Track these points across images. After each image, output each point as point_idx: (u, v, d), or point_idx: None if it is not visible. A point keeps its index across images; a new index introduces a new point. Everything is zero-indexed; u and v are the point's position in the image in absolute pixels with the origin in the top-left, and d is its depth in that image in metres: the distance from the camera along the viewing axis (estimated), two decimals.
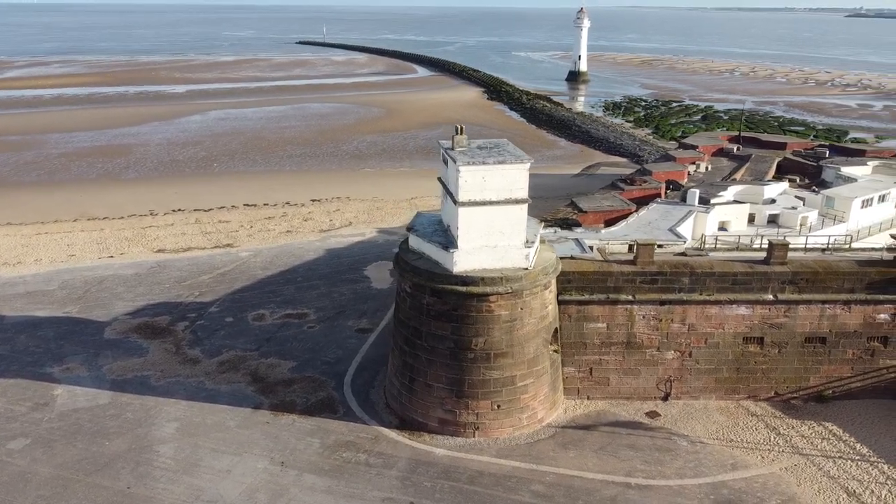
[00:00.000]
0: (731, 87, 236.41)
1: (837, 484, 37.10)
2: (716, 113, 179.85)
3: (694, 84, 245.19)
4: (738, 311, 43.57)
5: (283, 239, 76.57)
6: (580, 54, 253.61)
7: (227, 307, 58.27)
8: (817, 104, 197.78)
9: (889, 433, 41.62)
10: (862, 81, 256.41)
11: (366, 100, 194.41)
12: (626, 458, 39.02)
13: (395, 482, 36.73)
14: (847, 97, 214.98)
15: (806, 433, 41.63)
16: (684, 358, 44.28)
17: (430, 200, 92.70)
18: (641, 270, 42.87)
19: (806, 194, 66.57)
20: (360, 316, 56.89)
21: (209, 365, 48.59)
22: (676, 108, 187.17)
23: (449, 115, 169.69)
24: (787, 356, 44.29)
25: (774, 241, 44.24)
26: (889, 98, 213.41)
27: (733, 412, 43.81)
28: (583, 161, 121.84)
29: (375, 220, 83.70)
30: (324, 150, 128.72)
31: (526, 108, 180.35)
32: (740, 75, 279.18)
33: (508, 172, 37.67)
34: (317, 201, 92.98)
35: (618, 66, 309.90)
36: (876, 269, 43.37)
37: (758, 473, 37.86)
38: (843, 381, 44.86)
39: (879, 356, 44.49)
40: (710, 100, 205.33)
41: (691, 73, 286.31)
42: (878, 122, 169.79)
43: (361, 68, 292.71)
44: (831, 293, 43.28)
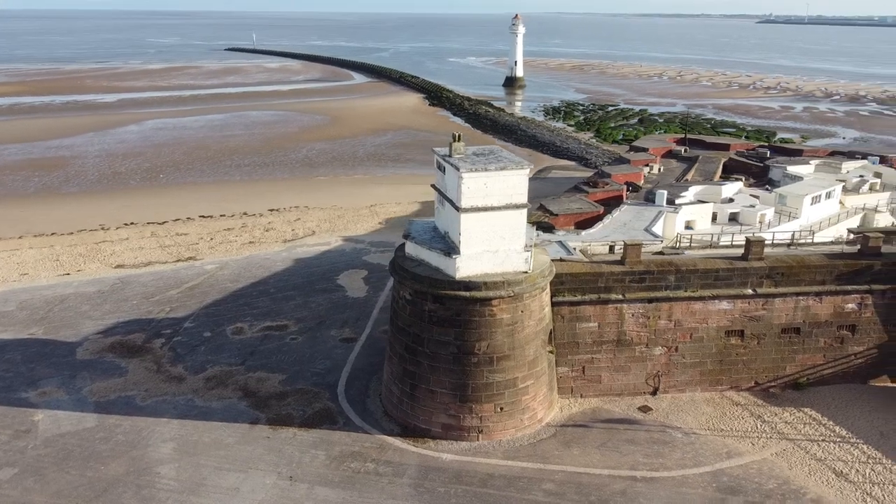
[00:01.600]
0: (662, 91, 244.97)
1: (825, 465, 39.29)
2: (651, 116, 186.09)
3: (626, 88, 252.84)
4: (720, 305, 45.56)
5: (248, 250, 75.12)
6: (516, 60, 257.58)
7: (203, 322, 56.84)
8: (744, 106, 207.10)
9: (863, 415, 44.30)
10: (780, 84, 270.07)
11: (307, 107, 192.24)
12: (627, 452, 40.23)
13: (408, 490, 36.77)
14: (769, 99, 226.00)
15: (788, 419, 43.88)
16: (671, 353, 45.96)
17: (391, 207, 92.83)
18: (630, 270, 44.30)
19: (760, 192, 70.01)
20: (341, 325, 56.48)
21: (196, 382, 47.34)
22: (613, 112, 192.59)
23: (394, 121, 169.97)
24: (765, 347, 46.57)
25: (751, 238, 46.47)
26: (807, 100, 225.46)
27: (719, 403, 45.74)
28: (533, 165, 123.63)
29: (339, 229, 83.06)
30: (273, 159, 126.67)
31: (469, 113, 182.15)
32: (668, 79, 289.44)
33: (509, 178, 38.38)
34: (275, 211, 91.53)
35: (551, 72, 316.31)
36: (844, 261, 46.13)
37: (752, 460, 39.69)
38: (816, 369, 47.49)
39: (848, 343, 47.31)
40: (643, 103, 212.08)
41: (622, 77, 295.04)
42: (800, 123, 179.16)
43: (297, 75, 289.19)
44: (804, 285, 45.79)
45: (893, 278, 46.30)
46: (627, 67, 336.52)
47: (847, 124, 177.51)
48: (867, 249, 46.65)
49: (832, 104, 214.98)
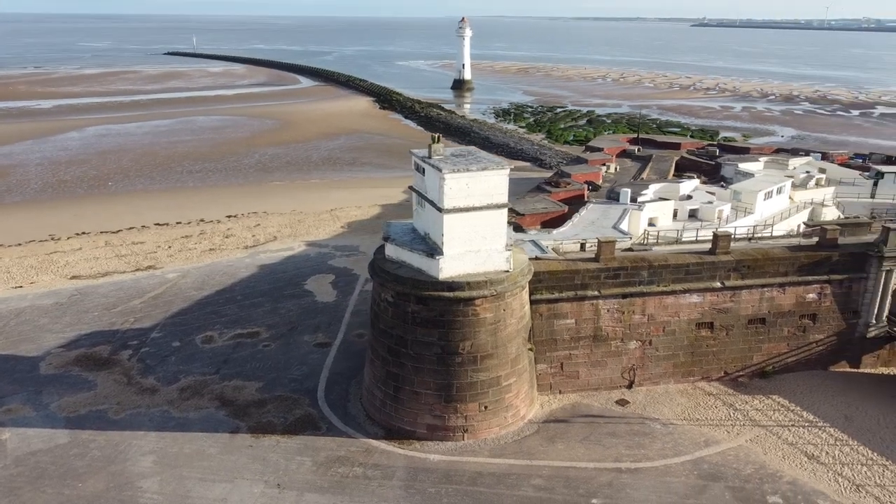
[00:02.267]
0: (607, 93, 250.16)
1: (797, 449, 40.95)
2: (598, 117, 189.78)
3: (572, 90, 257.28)
4: (690, 299, 46.98)
5: (209, 257, 73.58)
6: (464, 63, 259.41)
7: (170, 331, 55.48)
8: (686, 107, 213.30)
9: (826, 400, 46.33)
10: (719, 85, 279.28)
11: (256, 111, 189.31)
12: (610, 445, 41.10)
13: (399, 492, 36.74)
14: (710, 100, 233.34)
15: (758, 407, 45.55)
16: (645, 347, 47.15)
17: (351, 211, 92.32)
18: (605, 267, 45.27)
19: (715, 189, 72.37)
20: (314, 331, 55.95)
21: (169, 393, 46.20)
22: (562, 114, 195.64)
23: (346, 124, 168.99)
24: (733, 338, 48.24)
25: (719, 233, 48.09)
26: (745, 100, 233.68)
27: (692, 393, 47.14)
28: None
29: (301, 234, 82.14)
30: (225, 165, 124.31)
31: (421, 116, 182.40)
32: (612, 81, 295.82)
33: (490, 178, 38.78)
34: (233, 217, 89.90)
35: (497, 74, 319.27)
36: (804, 253, 48.16)
37: (729, 447, 41.06)
38: (781, 357, 49.42)
39: (810, 332, 49.41)
40: (590, 104, 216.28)
41: (567, 79, 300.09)
42: (741, 122, 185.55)
43: (242, 79, 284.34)
44: (769, 277, 47.63)
45: (850, 268, 48.56)
46: (572, 70, 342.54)
47: (784, 123, 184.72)
48: (825, 241, 48.80)
49: (768, 104, 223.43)
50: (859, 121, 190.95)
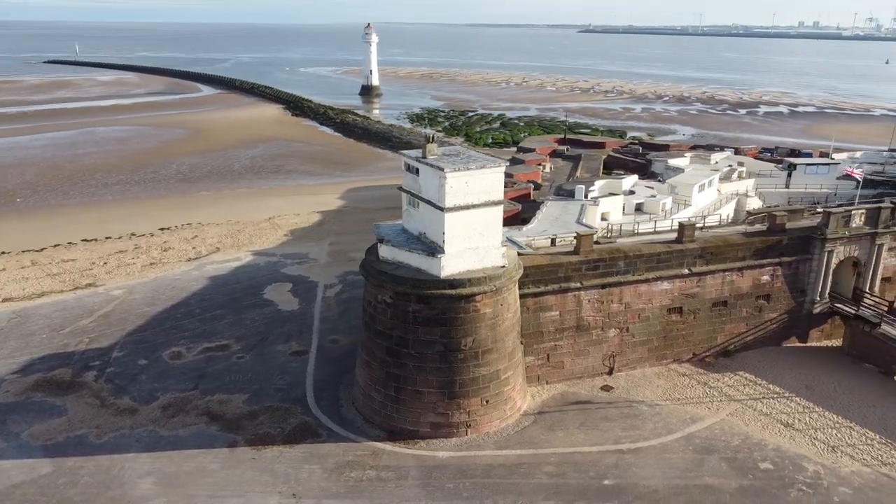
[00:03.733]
0: (513, 96, 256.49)
1: (773, 419, 44.15)
2: (510, 120, 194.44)
3: (480, 94, 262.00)
4: (662, 286, 49.60)
5: (152, 272, 70.31)
6: (371, 69, 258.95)
7: (133, 349, 52.81)
8: (590, 109, 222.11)
9: (786, 372, 50.14)
10: (616, 88, 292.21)
11: (161, 121, 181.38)
12: (606, 429, 42.81)
13: (417, 490, 36.85)
14: (611, 102, 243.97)
15: (729, 383, 48.69)
16: (623, 334, 49.35)
17: (290, 219, 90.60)
18: (586, 259, 47.07)
19: (654, 184, 76.27)
20: (286, 340, 54.81)
21: (151, 412, 44.09)
22: (475, 118, 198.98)
23: (262, 132, 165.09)
24: (700, 321, 51.31)
25: (684, 223, 51.03)
26: (642, 101, 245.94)
27: (667, 375, 49.75)
28: None
29: (244, 244, 79.86)
30: (143, 176, 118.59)
31: (337, 122, 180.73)
32: (515, 85, 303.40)
33: (487, 176, 39.58)
34: (166, 229, 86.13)
35: (402, 80, 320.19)
36: (759, 238, 51.92)
37: (713, 422, 43.72)
38: (740, 336, 52.97)
39: (765, 311, 53.26)
40: (499, 108, 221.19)
41: (472, 84, 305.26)
42: (643, 122, 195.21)
43: (137, 88, 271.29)
44: (729, 262, 51.00)
45: (797, 251, 52.75)
46: (475, 75, 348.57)
47: (682, 122, 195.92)
48: (775, 227, 52.80)
49: (664, 105, 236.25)
50: (747, 119, 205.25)
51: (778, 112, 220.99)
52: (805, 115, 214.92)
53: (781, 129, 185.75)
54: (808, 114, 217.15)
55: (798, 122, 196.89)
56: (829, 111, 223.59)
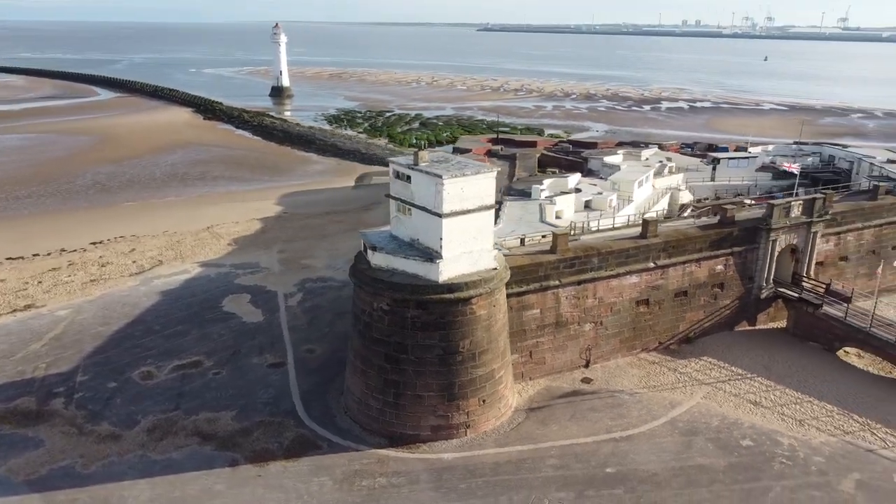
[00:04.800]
0: (426, 96, 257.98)
1: (742, 399, 47.49)
2: (429, 120, 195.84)
3: (393, 94, 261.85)
4: (631, 280, 52.15)
5: (95, 289, 66.88)
6: (281, 69, 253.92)
7: (98, 372, 50.36)
8: (504, 107, 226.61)
9: (744, 355, 53.90)
10: (524, 87, 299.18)
11: (63, 127, 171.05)
12: (596, 419, 44.76)
13: (432, 493, 37.40)
14: (521, 100, 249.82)
15: (696, 368, 51.87)
16: (598, 327, 51.57)
17: (231, 228, 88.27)
18: (563, 257, 48.87)
19: (597, 181, 79.45)
20: (259, 352, 53.77)
21: (136, 436, 42.37)
22: (393, 118, 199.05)
23: (177, 137, 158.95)
24: (664, 311, 54.29)
25: (648, 219, 53.79)
26: (552, 99, 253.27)
27: (639, 364, 52.39)
28: (348, 173, 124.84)
29: (188, 256, 77.15)
30: (56, 188, 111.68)
31: (254, 125, 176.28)
32: (426, 85, 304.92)
33: (481, 181, 40.49)
34: (99, 243, 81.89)
35: (311, 80, 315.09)
36: (714, 230, 55.44)
37: (690, 406, 46.54)
38: (699, 323, 56.41)
39: (719, 298, 56.95)
40: (415, 108, 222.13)
41: (383, 84, 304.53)
42: (557, 120, 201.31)
43: (26, 92, 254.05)
44: (689, 254, 54.22)
45: (745, 241, 56.67)
46: (384, 74, 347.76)
47: (594, 119, 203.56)
48: (725, 219, 56.52)
49: (574, 102, 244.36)
50: (653, 115, 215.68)
51: (679, 108, 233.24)
52: (703, 110, 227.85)
53: (685, 123, 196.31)
54: (706, 109, 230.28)
55: (699, 117, 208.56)
56: (724, 106, 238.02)
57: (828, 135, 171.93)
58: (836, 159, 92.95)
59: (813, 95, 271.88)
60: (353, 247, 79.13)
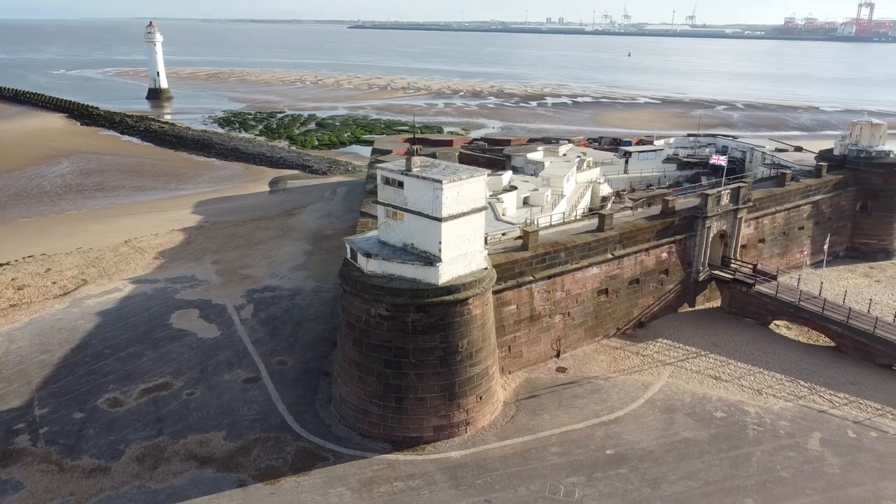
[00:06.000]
0: (315, 96, 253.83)
1: (703, 375, 51.57)
2: (324, 120, 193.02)
3: (280, 94, 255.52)
4: (592, 271, 55.03)
5: (20, 315, 61.80)
6: (158, 70, 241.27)
7: (57, 404, 46.93)
8: (397, 105, 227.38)
9: (692, 334, 58.33)
10: (411, 84, 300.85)
11: None
12: (582, 405, 47.13)
13: (452, 491, 38.18)
14: (411, 98, 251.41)
15: (655, 350, 55.59)
16: (566, 318, 54.07)
17: (152, 240, 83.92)
18: (535, 254, 50.87)
19: (528, 178, 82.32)
20: (228, 368, 52.04)
21: (127, 466, 40.12)
22: (287, 119, 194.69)
23: (58, 146, 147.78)
24: (621, 299, 57.68)
25: (603, 213, 56.85)
26: (441, 97, 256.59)
27: (604, 350, 55.44)
28: (259, 178, 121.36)
29: (113, 272, 72.67)
30: None
31: (141, 131, 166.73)
32: (311, 84, 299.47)
33: (474, 184, 41.54)
34: (6, 265, 75.25)
35: (187, 81, 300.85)
36: (659, 221, 59.43)
37: (661, 385, 49.99)
38: (649, 308, 60.36)
39: (665, 283, 61.17)
40: (307, 108, 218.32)
41: (266, 84, 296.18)
42: (451, 118, 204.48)
43: None
44: (639, 244, 57.89)
45: (685, 229, 61.19)
46: (266, 74, 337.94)
47: (487, 116, 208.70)
48: (667, 210, 60.75)
49: (463, 99, 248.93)
50: (541, 111, 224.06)
51: (563, 103, 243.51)
52: (586, 105, 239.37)
53: (573, 118, 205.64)
54: (588, 104, 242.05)
55: (584, 112, 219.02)
56: (604, 101, 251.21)
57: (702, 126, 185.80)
58: (729, 149, 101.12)
59: (679, 89, 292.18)
60: (290, 253, 78.13)
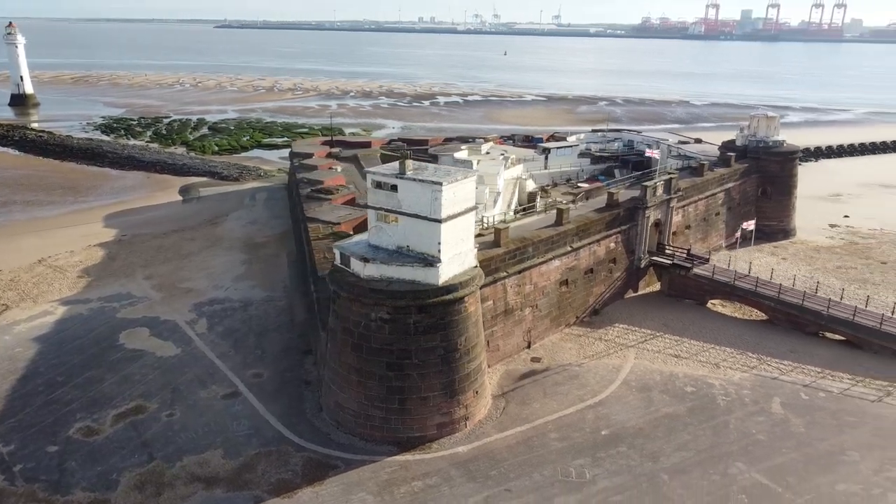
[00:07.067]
0: (200, 99, 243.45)
1: (664, 354, 55.41)
2: (217, 124, 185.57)
3: (162, 98, 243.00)
4: (555, 264, 57.53)
5: None
6: (22, 75, 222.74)
7: (22, 439, 43.51)
8: (290, 108, 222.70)
9: (644, 317, 62.29)
10: (297, 85, 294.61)
11: None
12: (565, 392, 49.41)
13: (471, 486, 39.16)
14: (302, 100, 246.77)
15: (616, 334, 58.96)
16: (535, 310, 56.24)
17: (69, 259, 78.63)
18: (507, 250, 52.61)
19: None
20: (202, 386, 50.14)
21: (128, 495, 38.10)
22: (176, 124, 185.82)
23: None
24: (579, 288, 60.64)
25: (560, 208, 59.47)
26: (332, 98, 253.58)
27: (569, 338, 58.14)
28: (165, 187, 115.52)
29: (35, 295, 67.38)
30: None
31: (17, 141, 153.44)
32: (191, 87, 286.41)
33: (468, 185, 42.62)
34: None
35: (51, 85, 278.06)
36: (606, 213, 62.88)
37: (631, 367, 53.22)
38: (601, 295, 63.79)
39: (614, 272, 64.85)
40: (194, 112, 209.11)
41: (143, 87, 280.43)
42: (349, 118, 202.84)
43: None
44: (592, 236, 61.08)
45: (628, 220, 65.12)
46: (139, 77, 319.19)
47: (384, 116, 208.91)
48: (612, 202, 64.39)
49: (355, 100, 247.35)
50: (435, 110, 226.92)
51: (455, 102, 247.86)
52: (477, 103, 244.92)
53: (468, 116, 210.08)
54: (479, 102, 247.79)
55: (477, 110, 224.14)
56: (493, 99, 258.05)
57: (590, 122, 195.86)
58: (634, 143, 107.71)
59: (559, 87, 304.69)
60: (227, 264, 75.70)
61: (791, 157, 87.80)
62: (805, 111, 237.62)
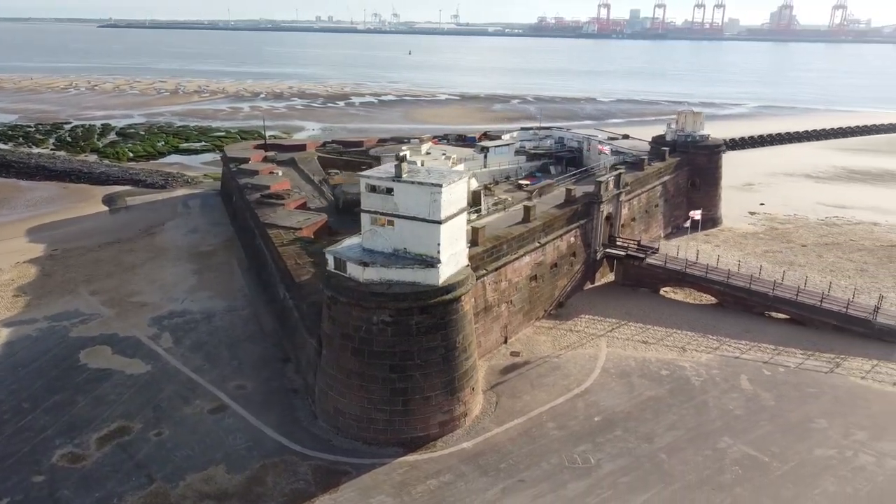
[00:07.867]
0: (100, 103, 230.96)
1: (633, 341, 58.16)
2: (124, 130, 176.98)
3: (57, 103, 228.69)
4: (525, 260, 59.19)
5: None
6: None
7: (1, 470, 40.76)
8: (200, 111, 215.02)
9: (606, 306, 65.04)
10: (202, 87, 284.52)
11: None
12: (552, 383, 51.09)
13: (485, 480, 40.05)
14: (210, 102, 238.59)
15: (584, 325, 61.29)
16: (510, 306, 57.67)
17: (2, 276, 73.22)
18: (485, 248, 53.76)
19: None
20: (184, 402, 48.51)
21: None
22: (80, 130, 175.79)
23: None
24: (545, 283, 62.61)
25: (527, 205, 61.13)
26: (243, 100, 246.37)
27: (541, 332, 59.95)
28: (86, 197, 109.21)
29: None
30: None
31: None
32: (87, 90, 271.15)
33: (462, 185, 43.35)
34: None
35: None
36: (567, 209, 65.14)
37: (607, 355, 55.59)
38: (565, 288, 66.07)
39: (574, 265, 67.30)
40: (96, 117, 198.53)
41: (33, 92, 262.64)
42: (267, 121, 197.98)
43: None
44: (556, 231, 63.18)
45: (585, 215, 67.70)
46: (24, 80, 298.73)
47: (300, 117, 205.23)
48: (570, 198, 66.76)
49: (268, 101, 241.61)
50: (352, 110, 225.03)
51: (370, 102, 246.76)
52: (392, 103, 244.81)
53: (387, 116, 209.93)
54: (394, 102, 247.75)
55: (394, 110, 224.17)
56: (408, 98, 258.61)
57: (507, 119, 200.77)
58: (565, 140, 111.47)
59: (469, 85, 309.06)
60: (177, 275, 73.21)
61: (717, 150, 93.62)
62: (703, 106, 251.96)
